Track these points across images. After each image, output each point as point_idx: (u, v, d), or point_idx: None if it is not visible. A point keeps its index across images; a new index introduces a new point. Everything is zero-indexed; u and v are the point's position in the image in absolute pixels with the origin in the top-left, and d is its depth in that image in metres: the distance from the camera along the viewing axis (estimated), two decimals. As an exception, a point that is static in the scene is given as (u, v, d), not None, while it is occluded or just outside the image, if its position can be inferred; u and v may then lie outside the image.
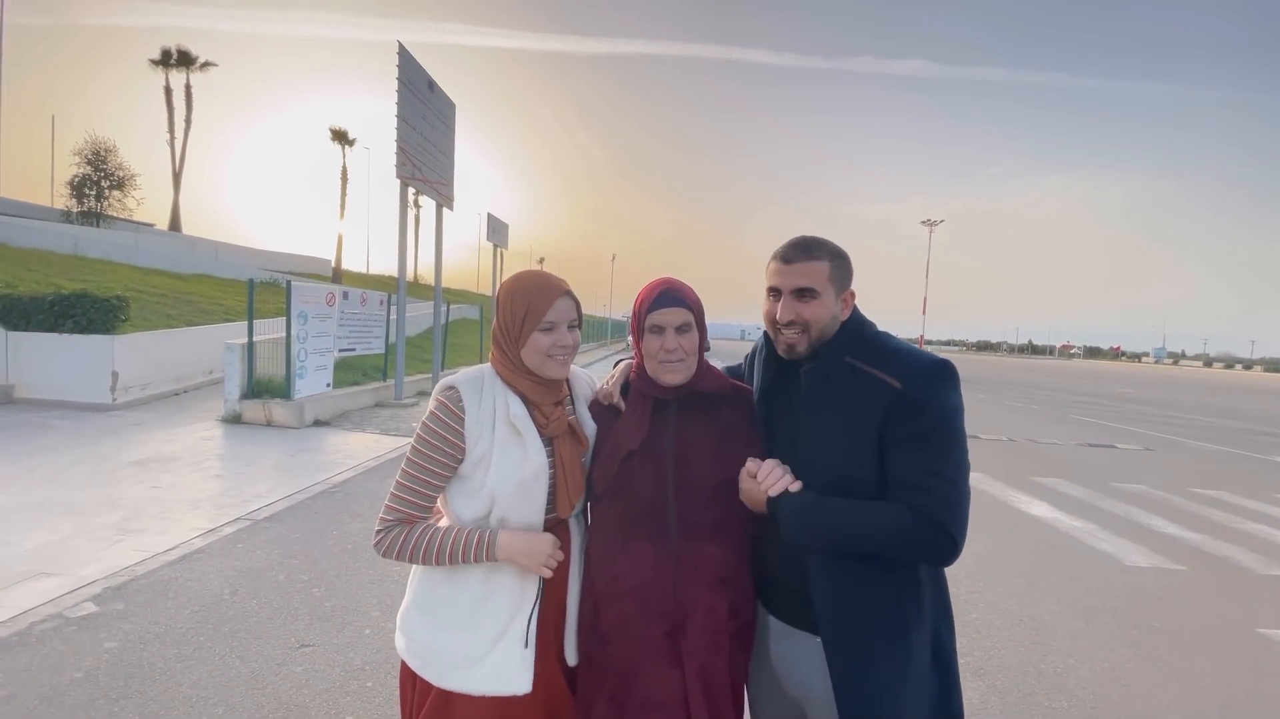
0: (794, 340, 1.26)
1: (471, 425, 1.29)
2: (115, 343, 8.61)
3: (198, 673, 2.64)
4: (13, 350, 8.46)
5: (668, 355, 1.30)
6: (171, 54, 29.89)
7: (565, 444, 1.34)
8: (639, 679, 1.28)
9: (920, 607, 1.22)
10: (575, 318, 1.36)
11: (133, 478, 5.47)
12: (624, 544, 1.32)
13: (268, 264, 27.03)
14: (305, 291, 8.63)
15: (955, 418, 1.19)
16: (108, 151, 24.27)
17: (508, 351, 1.35)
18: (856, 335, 1.28)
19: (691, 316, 1.32)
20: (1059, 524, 5.55)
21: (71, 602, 3.19)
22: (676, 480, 1.30)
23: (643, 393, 1.37)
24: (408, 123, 9.96)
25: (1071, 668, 3.05)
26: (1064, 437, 11.19)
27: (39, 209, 25.08)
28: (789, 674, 1.31)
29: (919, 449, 1.15)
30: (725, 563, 1.30)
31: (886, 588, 1.20)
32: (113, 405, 8.43)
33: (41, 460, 5.84)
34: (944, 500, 1.13)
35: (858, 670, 1.19)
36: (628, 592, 1.30)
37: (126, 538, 4.09)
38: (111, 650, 2.77)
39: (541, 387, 1.35)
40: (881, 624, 1.20)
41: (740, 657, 1.34)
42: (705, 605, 1.28)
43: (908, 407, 1.16)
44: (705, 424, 1.34)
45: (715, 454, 1.31)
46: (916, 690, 1.20)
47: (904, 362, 1.21)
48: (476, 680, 1.27)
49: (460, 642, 1.29)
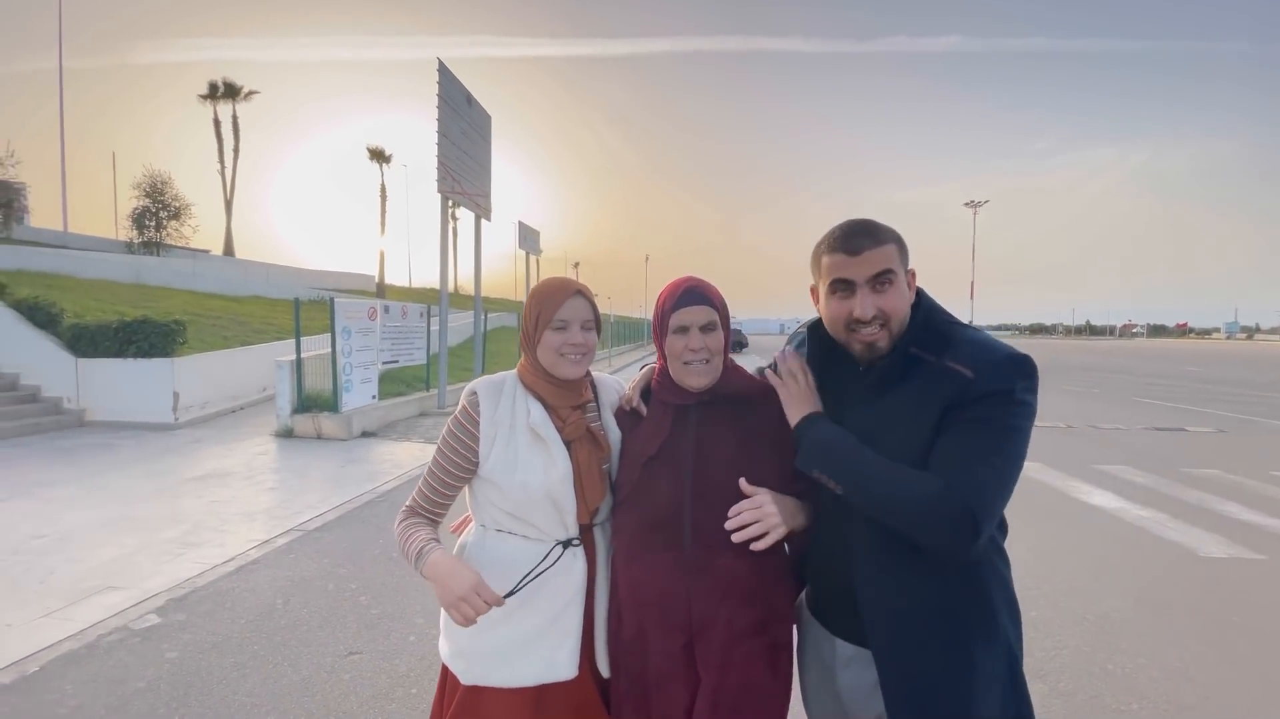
0: (875, 337, 1.14)
1: (486, 428, 1.31)
2: (175, 365, 9.05)
3: (252, 681, 2.73)
4: (82, 376, 8.98)
5: (693, 356, 1.25)
6: (218, 87, 31.34)
7: (583, 449, 1.33)
8: (658, 692, 1.25)
9: (989, 619, 1.12)
10: (589, 318, 1.34)
11: (193, 493, 5.72)
12: (640, 553, 1.29)
13: (316, 283, 28.01)
14: (348, 308, 8.88)
15: (1021, 413, 1.08)
16: (164, 184, 25.59)
17: (527, 355, 1.37)
18: (926, 326, 1.17)
19: (717, 315, 1.27)
20: (1124, 514, 5.25)
21: (136, 614, 3.35)
22: (694, 487, 1.25)
23: (663, 400, 1.33)
24: (448, 138, 10.17)
25: (1141, 668, 2.87)
26: (1128, 421, 10.63)
27: (105, 242, 26.62)
28: (856, 700, 1.20)
29: (970, 432, 1.06)
30: (744, 574, 1.24)
31: (945, 595, 1.11)
32: (175, 424, 8.86)
33: (109, 479, 6.17)
34: (978, 482, 1.03)
35: (914, 689, 1.10)
36: (646, 601, 1.27)
37: (187, 551, 4.27)
38: (173, 660, 2.89)
39: (559, 389, 1.35)
40: (941, 636, 1.10)
41: (772, 679, 1.26)
42: (723, 619, 1.22)
43: (975, 395, 1.07)
44: (727, 428, 1.29)
45: (736, 459, 1.25)
46: (987, 713, 1.09)
47: (981, 353, 1.11)
48: (522, 671, 1.28)
49: (505, 637, 1.29)
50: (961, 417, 1.08)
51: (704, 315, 1.26)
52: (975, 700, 1.09)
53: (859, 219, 1.18)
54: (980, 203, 46.49)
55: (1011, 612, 1.18)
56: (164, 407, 8.88)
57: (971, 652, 1.10)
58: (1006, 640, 1.14)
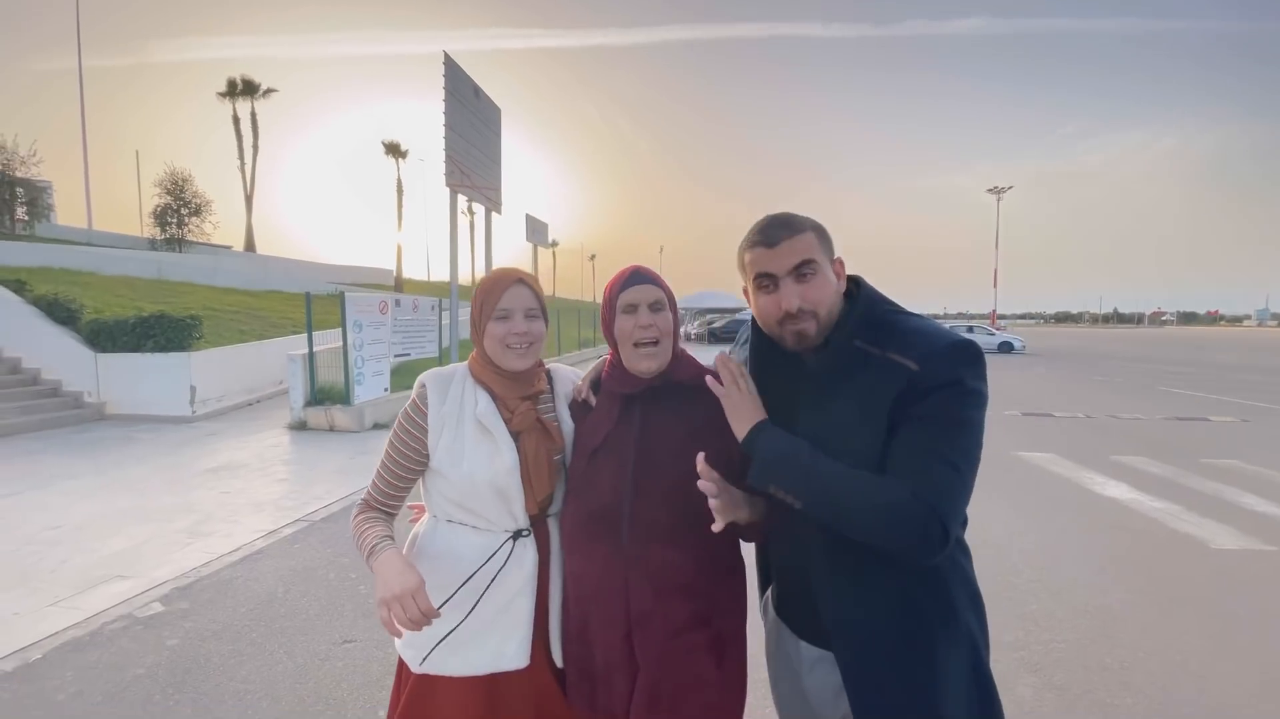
0: (804, 329, 1.13)
1: (434, 419, 1.31)
2: (192, 359, 9.22)
3: (248, 668, 2.78)
4: (102, 370, 9.20)
5: (643, 334, 1.23)
6: (237, 84, 31.67)
7: (531, 440, 1.31)
8: (603, 683, 1.24)
9: (950, 616, 1.10)
10: (533, 306, 1.33)
11: (205, 485, 5.83)
12: (581, 544, 1.28)
13: (335, 278, 28.36)
14: (359, 302, 8.97)
15: (972, 403, 1.05)
16: (185, 181, 26.00)
17: (476, 346, 1.37)
18: (866, 316, 1.15)
19: (663, 295, 1.26)
20: (1137, 506, 5.14)
21: (141, 602, 3.43)
22: (635, 479, 1.23)
23: (610, 390, 1.31)
24: (455, 131, 10.17)
25: (1139, 662, 2.81)
26: (1149, 411, 10.39)
27: (129, 239, 27.16)
28: (822, 700, 1.19)
29: (924, 430, 1.04)
30: (679, 567, 1.22)
31: (904, 594, 1.09)
32: (192, 417, 9.04)
33: (126, 471, 6.31)
34: (941, 484, 1.01)
35: (878, 691, 1.09)
36: (586, 593, 1.27)
37: (196, 541, 4.36)
38: (173, 648, 2.96)
39: (507, 380, 1.34)
40: (902, 636, 1.08)
41: (717, 671, 1.24)
42: (661, 612, 1.21)
43: (922, 388, 1.05)
44: (673, 417, 1.27)
45: (680, 450, 1.22)
46: (953, 712, 1.08)
47: (923, 342, 1.08)
48: (473, 661, 1.28)
49: (457, 627, 1.29)
50: (912, 413, 1.05)
51: (651, 294, 1.25)
52: (940, 697, 1.07)
53: (776, 213, 1.17)
54: (1004, 189, 45.61)
55: (973, 603, 1.15)
56: (181, 400, 9.06)
57: (934, 648, 1.08)
58: (970, 634, 1.12)
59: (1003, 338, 28.84)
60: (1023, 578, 3.71)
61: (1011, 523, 4.71)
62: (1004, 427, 8.86)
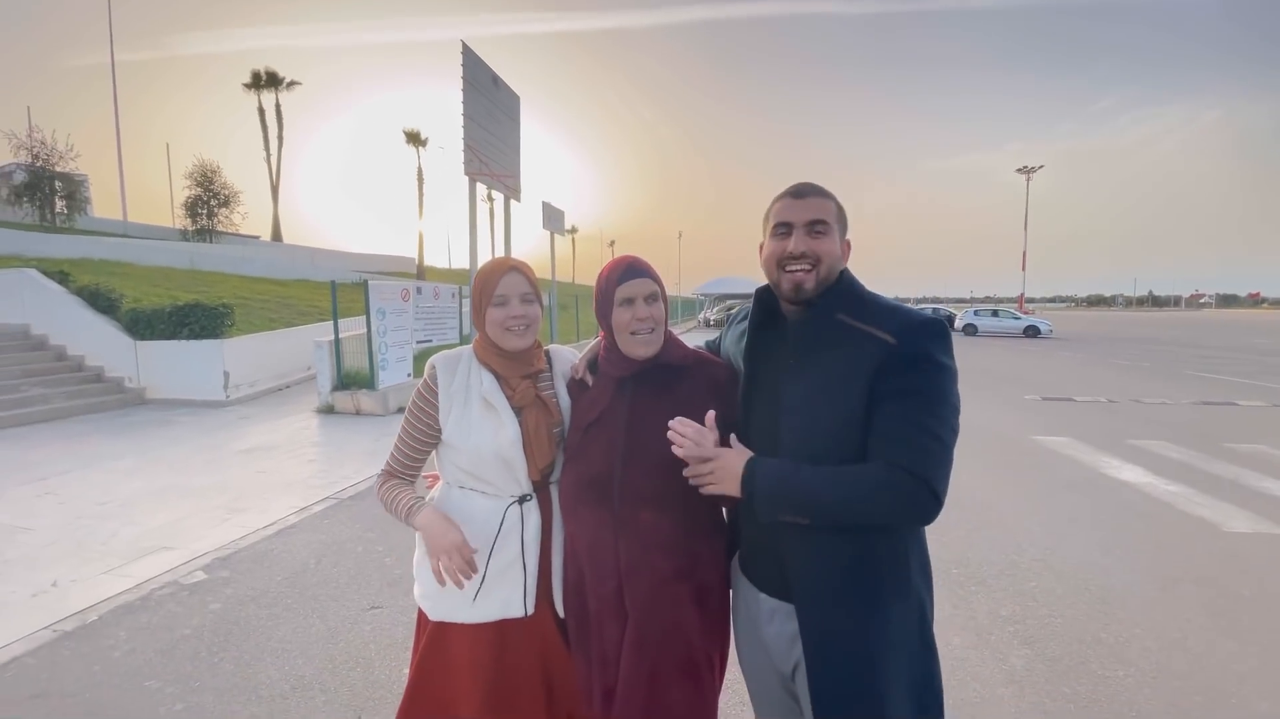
0: (802, 279, 1.23)
1: (443, 398, 1.46)
2: (225, 346, 9.57)
3: (284, 630, 3.00)
4: (142, 357, 9.59)
5: (640, 325, 1.34)
6: (261, 76, 32.19)
7: (531, 414, 1.45)
8: (597, 630, 1.38)
9: (903, 578, 1.19)
10: (527, 291, 1.46)
11: (240, 465, 6.12)
12: (576, 507, 1.41)
13: (359, 266, 28.87)
14: (382, 290, 9.21)
15: (947, 377, 1.16)
16: (213, 173, 26.63)
17: (479, 331, 1.51)
18: (849, 292, 1.26)
19: (657, 288, 1.37)
20: (1151, 489, 5.14)
21: (186, 571, 3.67)
22: (625, 450, 1.36)
23: (606, 373, 1.43)
24: (474, 120, 10.29)
25: (1136, 637, 2.88)
26: (1176, 395, 10.23)
27: (162, 230, 27.94)
28: (779, 649, 1.29)
29: (905, 402, 1.13)
30: (664, 529, 1.34)
31: (864, 555, 1.18)
32: (226, 401, 9.40)
33: (166, 452, 6.64)
34: (925, 453, 1.10)
35: (831, 640, 1.18)
36: (582, 550, 1.40)
37: (233, 516, 4.61)
38: (215, 611, 3.19)
39: (508, 361, 1.47)
40: (858, 592, 1.18)
41: (700, 619, 1.36)
42: (648, 566, 1.33)
43: (900, 361, 1.14)
44: (660, 397, 1.38)
45: (665, 426, 1.32)
46: (897, 665, 1.17)
47: (898, 318, 1.19)
48: (482, 609, 1.43)
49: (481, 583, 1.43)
50: (893, 387, 1.14)
51: (647, 287, 1.35)
52: (886, 653, 1.17)
53: (809, 181, 1.30)
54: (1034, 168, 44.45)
55: (923, 569, 1.25)
56: (216, 385, 9.42)
57: (886, 607, 1.18)
58: (919, 597, 1.22)
59: (1029, 321, 28.33)
60: (1025, 556, 3.78)
61: (1020, 504, 4.76)
62: (1022, 411, 8.82)
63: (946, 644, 2.81)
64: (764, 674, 1.36)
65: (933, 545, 1.28)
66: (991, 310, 30.13)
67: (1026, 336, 27.28)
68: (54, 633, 2.96)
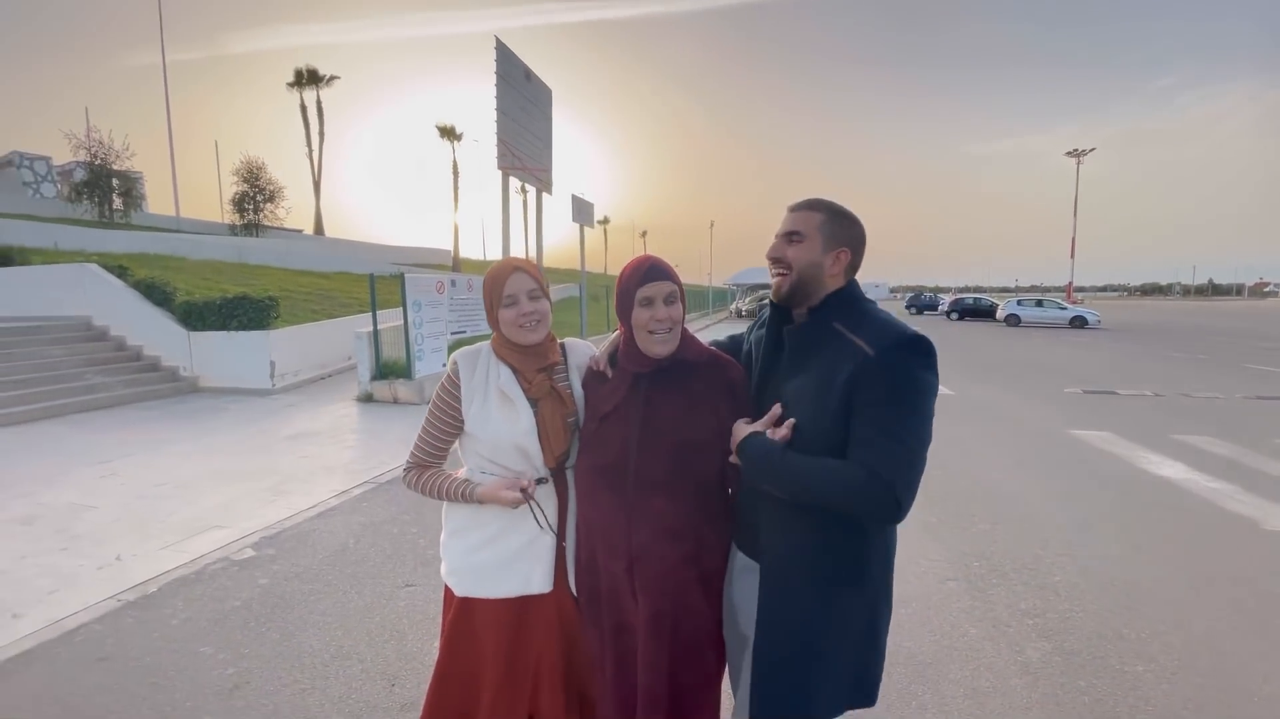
0: (779, 281, 1.37)
1: (465, 391, 1.56)
2: (271, 337, 9.98)
3: (325, 604, 3.19)
4: (194, 347, 10.08)
5: (658, 325, 1.40)
6: (303, 74, 33.07)
7: (547, 405, 1.55)
8: (609, 603, 1.48)
9: (860, 572, 1.30)
10: (534, 288, 1.54)
11: (286, 450, 6.43)
12: (591, 492, 1.50)
13: (397, 258, 29.57)
14: (418, 282, 9.47)
15: (920, 391, 1.22)
16: (258, 169, 27.52)
17: (494, 329, 1.61)
18: (848, 304, 1.34)
19: (676, 288, 1.43)
20: (1190, 485, 5.00)
21: (237, 548, 3.92)
22: (640, 440, 1.43)
23: (624, 367, 1.50)
24: (507, 115, 10.45)
25: (1159, 634, 2.85)
26: (1228, 389, 9.82)
27: (212, 225, 29.08)
28: (744, 608, 1.42)
29: (877, 410, 1.20)
30: (674, 515, 1.42)
31: (826, 543, 1.29)
32: (272, 390, 9.82)
33: (218, 438, 7.00)
34: (892, 459, 1.17)
35: (781, 611, 1.30)
36: (595, 531, 1.49)
37: (279, 498, 4.87)
38: (263, 585, 3.41)
39: (523, 355, 1.57)
40: (813, 572, 1.29)
41: (705, 604, 1.45)
42: (656, 553, 1.41)
43: (873, 372, 1.21)
44: (675, 392, 1.46)
45: (679, 419, 1.43)
46: (837, 648, 1.29)
47: (882, 332, 1.26)
48: (504, 585, 1.54)
49: (488, 558, 1.55)
50: (866, 397, 1.22)
51: (666, 289, 1.41)
52: (830, 635, 1.29)
53: (817, 197, 1.40)
54: (1084, 151, 42.68)
55: (883, 564, 1.34)
56: (263, 374, 9.84)
57: (838, 593, 1.29)
58: (874, 591, 1.32)
59: (1075, 312, 27.40)
60: (1050, 551, 3.75)
61: (1049, 499, 4.69)
62: (1061, 404, 8.61)
63: (962, 635, 2.85)
64: (731, 624, 1.49)
65: (954, 538, 1.38)
66: (1035, 300, 29.21)
67: (1073, 327, 26.39)
68: (118, 602, 3.21)
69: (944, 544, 3.77)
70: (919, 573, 3.46)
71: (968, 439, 6.64)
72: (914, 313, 41.93)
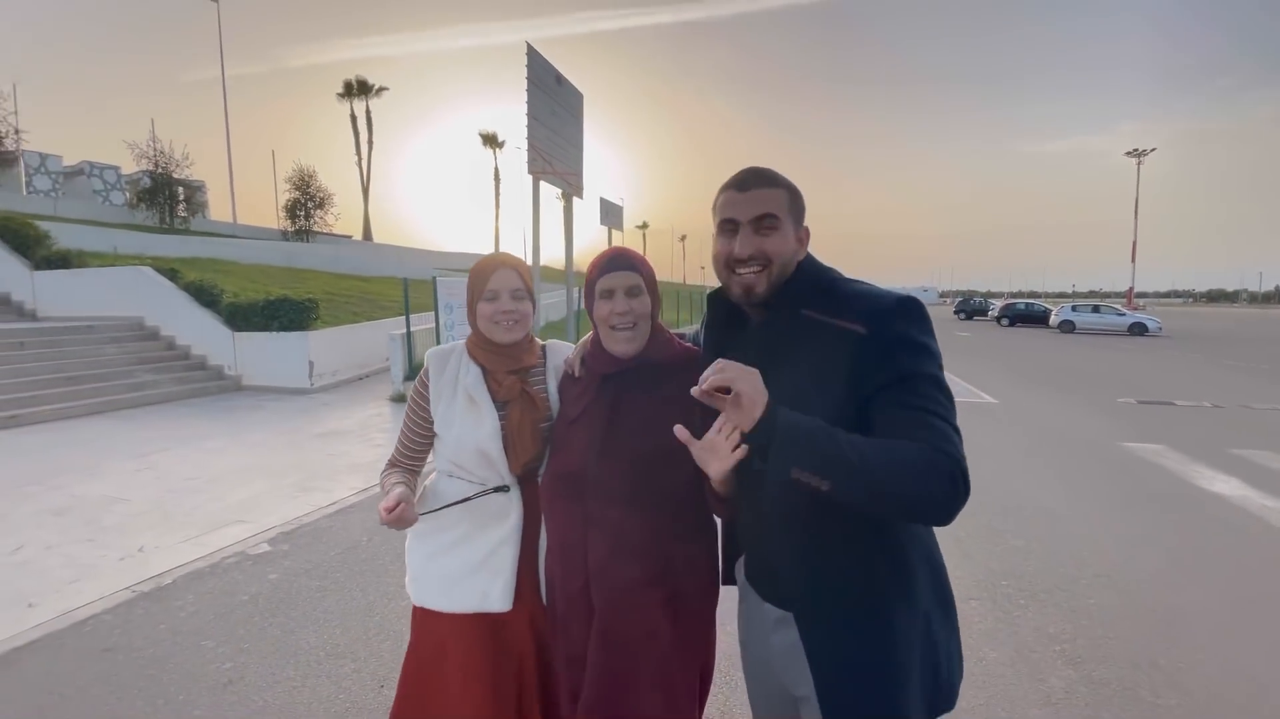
0: (752, 282, 1.13)
1: (434, 390, 1.52)
2: (310, 338, 10.27)
3: (329, 601, 3.21)
4: (239, 347, 10.45)
5: (619, 320, 1.29)
6: (353, 85, 34.24)
7: (516, 408, 1.46)
8: (564, 628, 1.37)
9: (904, 578, 1.10)
10: (519, 287, 1.47)
11: (315, 448, 6.57)
12: (551, 500, 1.41)
13: (441, 263, 30.22)
14: (449, 285, 9.61)
15: (932, 358, 1.05)
16: (309, 176, 28.58)
17: (471, 325, 1.54)
18: (811, 285, 1.15)
19: (641, 280, 1.31)
20: (1244, 503, 4.64)
21: (254, 543, 4.00)
22: (602, 448, 1.32)
23: (592, 368, 1.39)
24: (538, 119, 10.55)
25: (1198, 664, 2.62)
26: (1297, 402, 9.15)
27: (267, 231, 30.28)
28: (785, 665, 1.19)
29: (905, 390, 1.02)
30: (636, 530, 1.29)
31: (860, 568, 1.10)
32: (310, 389, 10.10)
33: (253, 435, 7.22)
34: (946, 437, 0.98)
35: (833, 650, 1.11)
36: (555, 545, 1.40)
37: (302, 495, 4.97)
38: (272, 581, 3.46)
39: (497, 355, 1.50)
40: (855, 599, 1.10)
41: (671, 627, 1.29)
42: (614, 568, 1.29)
43: (878, 351, 1.04)
44: (643, 394, 1.34)
45: (646, 424, 1.30)
46: (905, 671, 1.09)
47: (865, 304, 1.08)
48: (459, 600, 1.45)
49: (446, 567, 1.48)
50: (876, 381, 1.03)
51: (628, 279, 1.30)
52: (894, 666, 1.09)
53: (757, 166, 1.18)
54: (1145, 151, 40.77)
55: (933, 570, 1.14)
56: (301, 374, 10.14)
57: (892, 619, 1.09)
58: (927, 600, 1.12)
59: (1134, 318, 26.07)
60: (1087, 571, 3.51)
61: (1091, 515, 4.40)
62: (1113, 415, 8.14)
63: (980, 659, 2.68)
64: (767, 685, 1.27)
65: (983, 554, 1.23)
66: (1092, 306, 27.90)
67: (1131, 334, 25.10)
68: (132, 593, 3.30)
69: (971, 560, 3.57)
70: (938, 590, 3.27)
71: (1008, 449, 6.33)
72: (963, 318, 40.62)
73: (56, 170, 29.32)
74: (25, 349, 9.13)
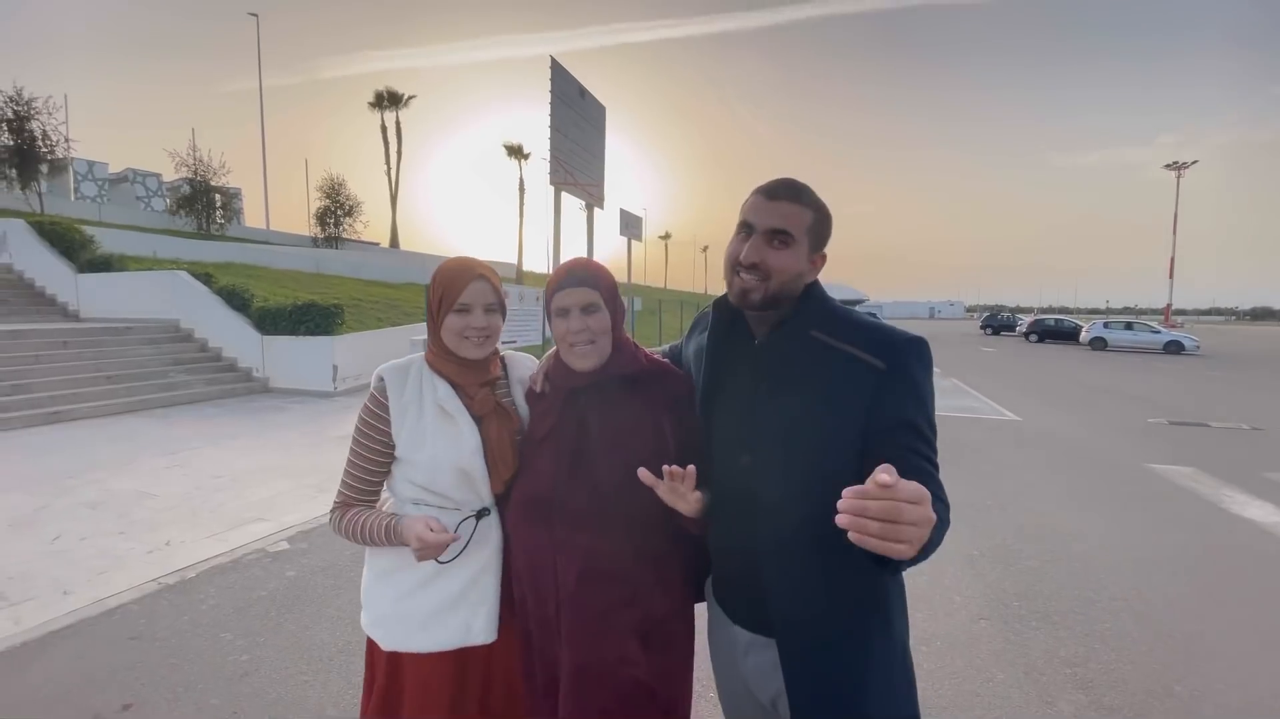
0: (750, 287, 1.14)
1: (395, 408, 1.34)
2: (335, 342, 10.51)
3: (343, 599, 3.29)
4: (267, 350, 10.74)
5: (575, 338, 1.26)
6: (383, 96, 35.01)
7: (493, 423, 1.36)
8: (540, 656, 1.31)
9: (883, 609, 1.14)
10: (492, 301, 1.35)
11: (335, 449, 6.72)
12: (519, 524, 1.33)
13: (463, 270, 30.62)
14: (472, 292, 9.78)
15: (931, 404, 1.12)
16: (339, 185, 29.26)
17: (431, 336, 1.39)
18: (821, 308, 1.17)
19: (599, 297, 1.26)
20: (1278, 529, 4.49)
21: (273, 540, 4.11)
22: (569, 469, 1.28)
23: (556, 384, 1.34)
24: (560, 131, 10.76)
25: (1215, 693, 2.55)
26: (1339, 426, 8.82)
27: (299, 238, 31.06)
28: (760, 684, 1.21)
29: (910, 435, 1.06)
30: (605, 554, 1.24)
31: (846, 591, 1.12)
32: (334, 392, 10.32)
33: (277, 435, 7.40)
34: (942, 488, 1.04)
35: (812, 673, 1.13)
36: (524, 569, 1.32)
37: (321, 494, 5.09)
38: (290, 577, 3.55)
39: (464, 368, 1.37)
40: (840, 633, 1.13)
41: (643, 653, 1.25)
42: (584, 593, 1.24)
43: (894, 389, 1.08)
44: (611, 412, 1.29)
45: (614, 444, 1.26)
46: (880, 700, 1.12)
47: (879, 337, 1.11)
48: (440, 636, 1.32)
49: (423, 603, 1.33)
50: (891, 418, 1.07)
51: (584, 297, 1.25)
52: (869, 688, 1.12)
53: (794, 180, 1.17)
54: (1185, 164, 39.66)
55: (901, 604, 1.19)
56: (326, 377, 10.37)
57: (870, 644, 1.13)
58: (902, 631, 1.17)
59: (1170, 336, 25.36)
60: (1104, 594, 3.43)
61: (1113, 538, 4.31)
62: (1142, 436, 7.94)
63: (987, 680, 2.65)
64: (742, 703, 1.29)
65: (996, 574, 1.24)
66: (1125, 323, 27.22)
67: (1167, 353, 24.43)
68: (158, 585, 3.42)
69: (983, 580, 3.52)
70: (949, 609, 3.24)
71: (1028, 468, 6.22)
72: (989, 333, 39.92)
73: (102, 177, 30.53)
74: (68, 348, 9.49)
